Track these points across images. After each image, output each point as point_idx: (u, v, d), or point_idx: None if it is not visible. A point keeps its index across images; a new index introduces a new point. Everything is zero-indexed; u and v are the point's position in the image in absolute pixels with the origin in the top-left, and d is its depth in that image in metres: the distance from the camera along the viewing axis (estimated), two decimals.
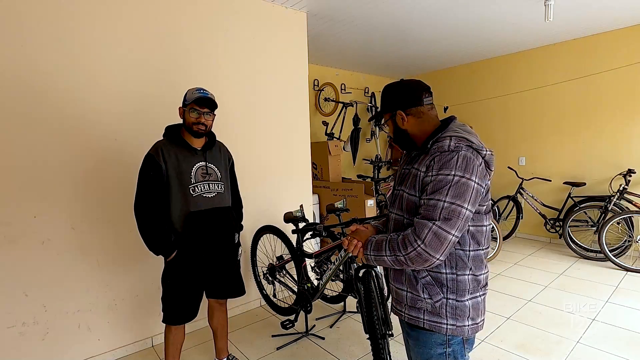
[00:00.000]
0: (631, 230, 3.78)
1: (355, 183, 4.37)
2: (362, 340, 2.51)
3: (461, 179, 1.02)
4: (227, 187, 1.98)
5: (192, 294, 1.91)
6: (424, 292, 1.11)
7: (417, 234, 1.02)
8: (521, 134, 5.01)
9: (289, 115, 3.28)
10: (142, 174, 1.79)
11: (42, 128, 2.08)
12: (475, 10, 3.39)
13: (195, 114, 1.79)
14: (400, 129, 1.20)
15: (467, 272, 1.10)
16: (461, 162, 1.02)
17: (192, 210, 1.82)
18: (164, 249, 1.81)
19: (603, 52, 4.21)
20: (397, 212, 1.18)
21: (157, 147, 1.80)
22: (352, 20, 3.52)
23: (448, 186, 1.01)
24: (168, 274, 1.89)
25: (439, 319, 1.11)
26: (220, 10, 2.76)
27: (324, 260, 2.42)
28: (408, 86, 1.18)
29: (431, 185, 1.04)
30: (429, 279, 1.11)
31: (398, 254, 1.05)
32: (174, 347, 1.97)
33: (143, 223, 1.78)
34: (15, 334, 2.04)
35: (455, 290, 1.10)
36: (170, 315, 1.89)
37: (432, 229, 1.00)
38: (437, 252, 1.01)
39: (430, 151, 1.09)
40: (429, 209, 1.02)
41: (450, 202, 1.01)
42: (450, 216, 1.00)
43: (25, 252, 2.05)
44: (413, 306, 1.14)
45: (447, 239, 1.01)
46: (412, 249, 1.02)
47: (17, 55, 1.99)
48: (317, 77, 5.17)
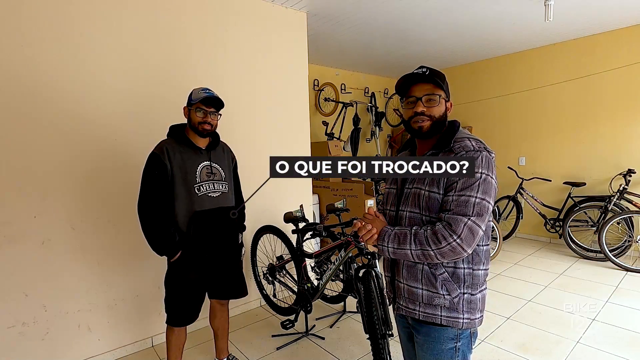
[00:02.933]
0: (631, 230, 3.78)
1: (355, 183, 4.37)
2: (362, 340, 2.51)
3: (487, 176, 1.07)
4: (230, 187, 1.98)
5: (196, 295, 1.91)
6: (442, 289, 1.13)
7: (453, 229, 1.04)
8: (521, 134, 5.01)
9: (289, 115, 3.28)
10: (146, 173, 1.78)
11: (42, 128, 2.08)
12: (475, 10, 3.39)
13: (201, 113, 1.79)
14: (444, 115, 1.19)
15: (482, 266, 1.16)
16: (485, 161, 1.08)
17: (197, 209, 1.81)
18: (168, 249, 1.79)
19: (603, 52, 4.21)
20: (412, 209, 1.18)
21: (161, 146, 1.79)
22: (352, 20, 3.52)
23: (477, 183, 1.06)
24: (172, 275, 1.88)
25: (456, 314, 1.14)
26: (220, 10, 2.76)
27: (324, 260, 2.42)
28: None
29: (461, 183, 1.07)
30: (446, 275, 1.14)
31: (427, 248, 1.06)
32: (177, 348, 1.97)
33: (147, 223, 1.76)
34: (15, 334, 2.04)
35: (471, 284, 1.14)
36: (174, 317, 1.89)
37: (468, 224, 1.04)
38: (469, 246, 1.05)
39: (454, 150, 1.12)
40: (461, 204, 1.06)
41: (481, 197, 1.06)
42: (482, 211, 1.06)
43: (25, 252, 2.05)
44: (429, 303, 1.16)
45: (479, 233, 1.06)
46: (447, 244, 1.04)
47: (17, 55, 1.98)
48: (317, 77, 5.17)
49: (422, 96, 1.16)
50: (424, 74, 1.14)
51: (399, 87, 1.22)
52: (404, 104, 1.22)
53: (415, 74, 1.16)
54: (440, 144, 1.16)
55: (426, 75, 1.14)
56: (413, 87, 1.18)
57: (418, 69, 1.17)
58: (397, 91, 1.25)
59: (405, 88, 1.21)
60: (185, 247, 1.82)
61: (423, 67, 1.18)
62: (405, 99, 1.20)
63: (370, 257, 2.05)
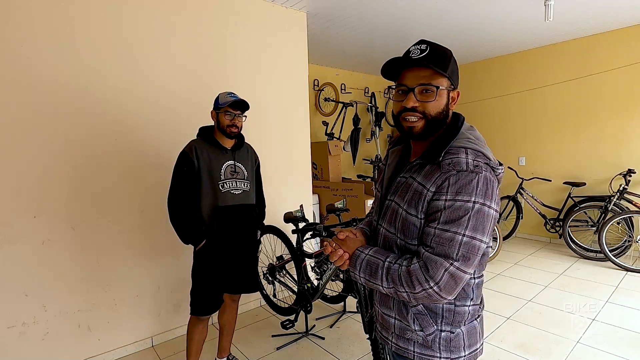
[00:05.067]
0: (631, 230, 3.78)
1: (355, 183, 4.37)
2: (362, 340, 2.51)
3: (482, 207, 0.83)
4: (252, 185, 2.08)
5: (219, 283, 1.98)
6: (414, 323, 0.94)
7: (430, 275, 0.83)
8: (521, 134, 5.01)
9: (289, 115, 3.28)
10: (176, 169, 1.90)
11: (41, 128, 2.08)
12: (475, 10, 3.39)
13: (229, 116, 1.91)
14: (444, 111, 0.91)
15: (468, 302, 0.95)
16: (482, 186, 0.83)
17: (220, 205, 1.92)
18: (194, 238, 1.90)
19: (603, 52, 4.21)
20: (389, 228, 0.97)
21: (191, 145, 1.92)
22: (352, 20, 3.52)
23: (468, 216, 0.82)
24: (198, 264, 1.97)
25: (431, 353, 0.94)
26: (220, 10, 2.76)
27: (324, 260, 2.43)
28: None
29: (446, 213, 0.83)
30: (420, 308, 0.94)
31: (400, 289, 0.87)
32: (199, 344, 2.04)
33: (175, 213, 1.88)
34: (15, 334, 2.04)
35: (451, 321, 0.94)
36: (200, 306, 1.95)
37: (449, 270, 0.83)
38: (449, 294, 0.85)
39: (442, 166, 0.86)
40: (443, 242, 0.83)
41: (470, 236, 0.83)
42: (470, 254, 0.83)
43: (25, 252, 2.05)
44: (402, 336, 0.98)
45: (463, 279, 0.85)
46: (422, 289, 0.84)
47: (17, 55, 1.99)
48: (317, 77, 5.17)
49: (415, 86, 0.88)
50: (419, 58, 0.87)
51: (386, 71, 0.95)
52: (394, 95, 0.95)
53: (407, 58, 0.89)
54: (430, 152, 0.90)
55: (421, 58, 0.86)
56: (405, 71, 0.91)
57: (416, 45, 0.90)
58: (385, 75, 0.96)
59: (396, 71, 0.94)
60: (209, 237, 1.92)
61: (423, 42, 0.89)
62: (396, 87, 0.94)
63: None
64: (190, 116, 2.59)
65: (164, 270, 2.58)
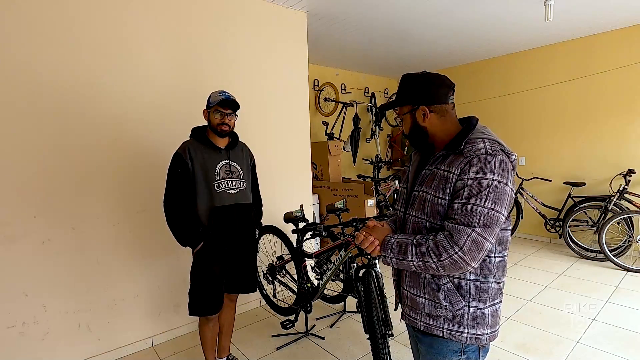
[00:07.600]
0: (631, 230, 3.78)
1: (355, 183, 4.37)
2: (362, 340, 2.51)
3: (499, 183, 0.96)
4: (248, 184, 2.08)
5: (218, 283, 1.98)
6: (445, 299, 1.05)
7: (455, 241, 0.95)
8: (521, 134, 5.01)
9: (289, 115, 3.28)
10: (170, 171, 1.90)
11: (41, 128, 2.08)
12: (475, 10, 3.39)
13: (219, 115, 1.89)
14: (419, 126, 1.11)
15: (491, 279, 1.06)
16: (499, 166, 0.97)
17: (216, 205, 1.91)
18: (191, 240, 1.90)
19: (603, 52, 4.21)
20: (417, 214, 1.09)
21: (184, 146, 1.91)
22: (352, 20, 3.51)
23: (487, 191, 0.96)
24: (197, 267, 1.96)
25: (459, 328, 1.05)
26: (220, 10, 2.76)
27: (324, 260, 2.43)
28: (435, 80, 1.10)
29: (468, 189, 0.97)
30: (450, 285, 1.05)
31: (428, 260, 0.98)
32: (212, 340, 2.08)
33: (172, 216, 1.88)
34: (15, 334, 2.04)
35: (477, 297, 1.05)
36: (200, 306, 1.96)
37: (471, 236, 0.94)
38: (473, 260, 0.96)
39: (464, 153, 1.01)
40: (466, 214, 0.96)
41: (489, 207, 0.95)
42: (490, 222, 0.95)
43: (25, 252, 2.05)
44: (431, 314, 1.08)
45: (485, 246, 0.96)
46: (448, 256, 0.96)
47: (17, 55, 1.99)
48: (317, 77, 5.17)
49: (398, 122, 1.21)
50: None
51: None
52: None
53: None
54: (452, 145, 1.06)
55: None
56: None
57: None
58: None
59: None
60: (207, 239, 1.91)
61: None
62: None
63: (370, 257, 2.06)
64: (191, 116, 2.58)
65: (164, 270, 2.58)
